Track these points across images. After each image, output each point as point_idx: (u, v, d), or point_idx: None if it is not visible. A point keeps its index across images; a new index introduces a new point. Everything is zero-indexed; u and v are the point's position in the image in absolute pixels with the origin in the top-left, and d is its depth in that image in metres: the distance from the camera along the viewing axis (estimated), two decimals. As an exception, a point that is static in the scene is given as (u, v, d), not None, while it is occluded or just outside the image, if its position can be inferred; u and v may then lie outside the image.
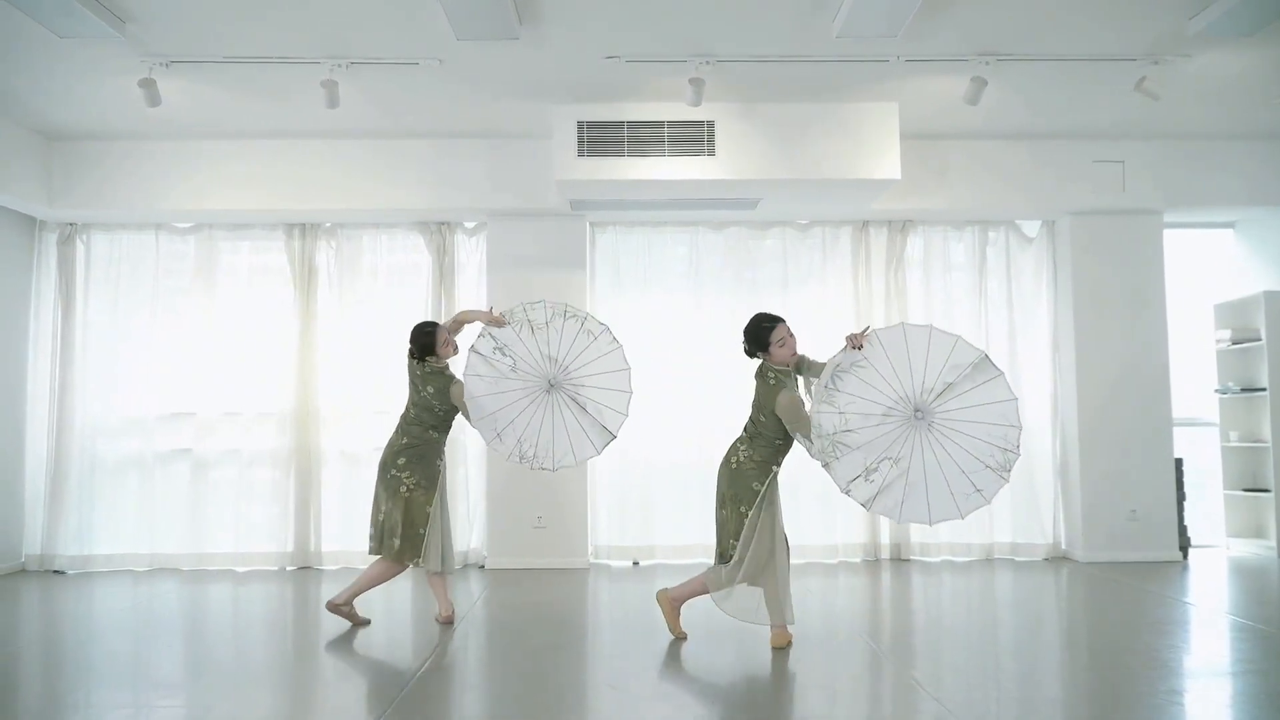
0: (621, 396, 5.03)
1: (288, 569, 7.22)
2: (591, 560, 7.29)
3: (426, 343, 5.13)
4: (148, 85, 5.63)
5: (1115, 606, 5.83)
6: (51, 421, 7.31)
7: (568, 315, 5.07)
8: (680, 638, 4.81)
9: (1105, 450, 7.28)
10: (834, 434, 4.21)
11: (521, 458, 5.02)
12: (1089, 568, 7.04)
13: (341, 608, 5.22)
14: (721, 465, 4.78)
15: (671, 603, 4.85)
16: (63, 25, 4.99)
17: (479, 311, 5.16)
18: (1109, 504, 7.24)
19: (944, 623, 5.50)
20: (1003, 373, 4.21)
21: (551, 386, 5.03)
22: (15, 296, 7.25)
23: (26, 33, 5.17)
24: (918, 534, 7.34)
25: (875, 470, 4.16)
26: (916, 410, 4.15)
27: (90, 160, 7.01)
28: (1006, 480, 4.16)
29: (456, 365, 5.24)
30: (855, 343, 4.38)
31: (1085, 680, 4.29)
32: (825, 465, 4.27)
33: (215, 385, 7.37)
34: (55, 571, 7.17)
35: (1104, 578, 6.64)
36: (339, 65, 5.64)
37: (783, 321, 4.69)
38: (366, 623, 5.26)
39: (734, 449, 4.76)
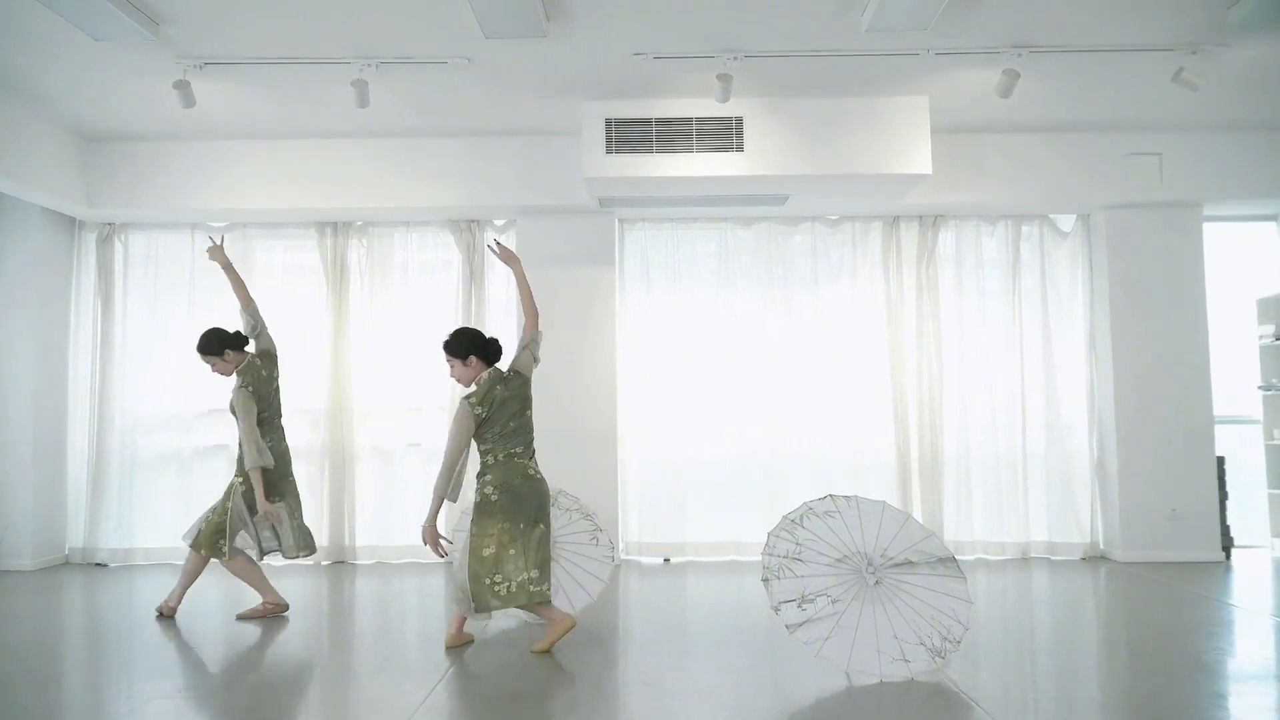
0: (581, 595, 5.20)
1: (323, 564, 7.29)
2: (622, 557, 7.29)
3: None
4: (182, 87, 5.71)
5: (1156, 607, 5.73)
6: (92, 418, 7.45)
7: (585, 515, 5.32)
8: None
9: (1144, 448, 7.16)
10: (783, 557, 4.21)
11: None
12: (1128, 567, 6.93)
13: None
14: (543, 480, 4.79)
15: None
16: (98, 28, 5.07)
17: None
18: (1148, 503, 7.13)
19: (979, 622, 5.42)
20: (966, 578, 4.14)
21: None
22: (56, 295, 7.39)
23: (63, 36, 5.26)
24: (950, 532, 7.27)
25: (811, 601, 4.14)
26: (870, 565, 4.12)
27: (127, 161, 7.11)
28: (939, 664, 4.08)
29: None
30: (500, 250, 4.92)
31: (1125, 682, 4.23)
32: (765, 581, 4.25)
33: (250, 383, 7.44)
34: (97, 564, 7.31)
35: (1144, 578, 6.53)
36: (369, 65, 5.67)
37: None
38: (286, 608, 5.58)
39: (535, 462, 4.79)
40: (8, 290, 7.13)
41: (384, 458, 7.46)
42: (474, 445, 4.73)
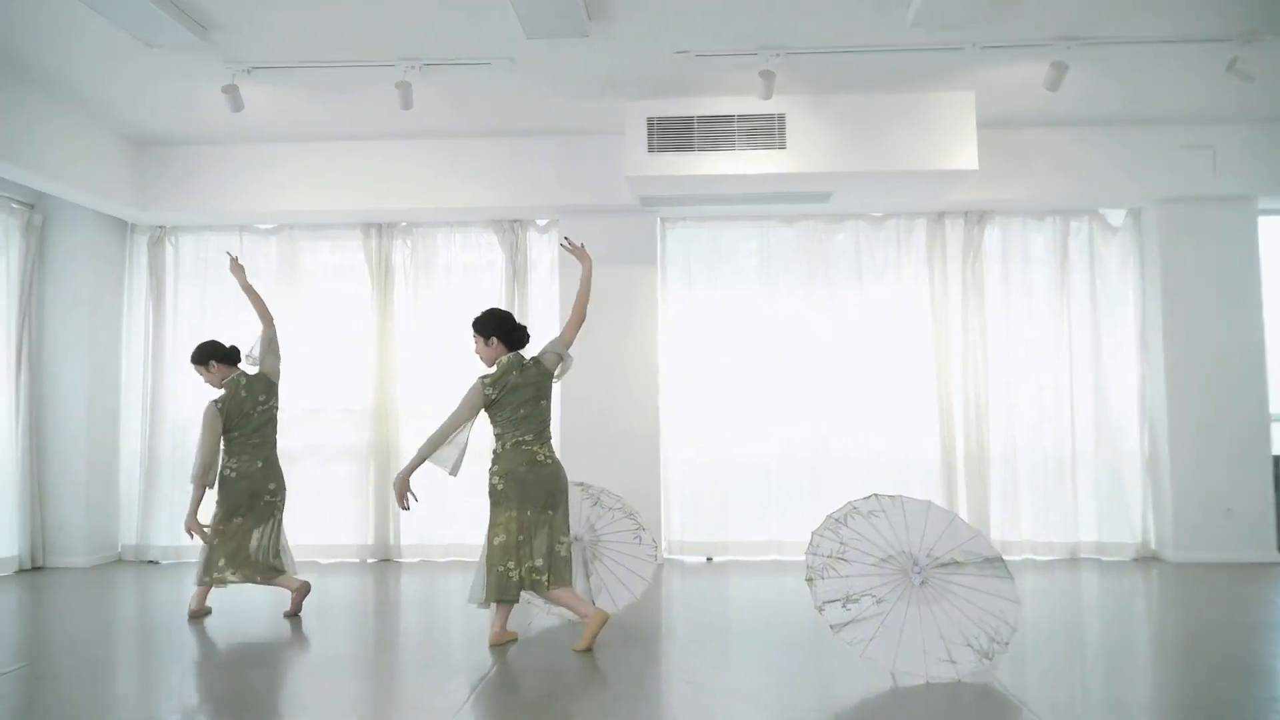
0: (624, 593, 5.21)
1: (368, 561, 7.37)
2: (665, 556, 7.29)
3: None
4: (231, 91, 5.80)
5: (1209, 609, 5.63)
6: (145, 418, 7.59)
7: (629, 514, 5.33)
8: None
9: (1197, 446, 7.02)
10: (828, 556, 4.18)
11: None
12: (1181, 568, 6.80)
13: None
14: (555, 465, 4.79)
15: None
16: (150, 35, 5.17)
17: None
18: (1201, 502, 6.99)
19: (1027, 623, 5.33)
20: (1014, 578, 4.09)
21: (574, 541, 5.22)
22: (109, 297, 7.54)
23: (117, 44, 5.37)
24: (997, 531, 7.18)
25: (855, 601, 4.11)
26: (915, 565, 4.08)
27: (177, 165, 7.24)
28: (986, 665, 4.03)
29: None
30: (573, 247, 5.02)
31: (1178, 685, 4.15)
32: (809, 580, 4.22)
33: (299, 382, 7.51)
34: (149, 561, 7.45)
35: (1197, 579, 6.41)
36: (413, 67, 5.73)
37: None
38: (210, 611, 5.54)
39: (548, 448, 4.79)
40: (62, 292, 7.28)
41: (429, 456, 7.50)
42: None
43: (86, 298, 7.30)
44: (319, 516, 7.50)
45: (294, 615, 5.45)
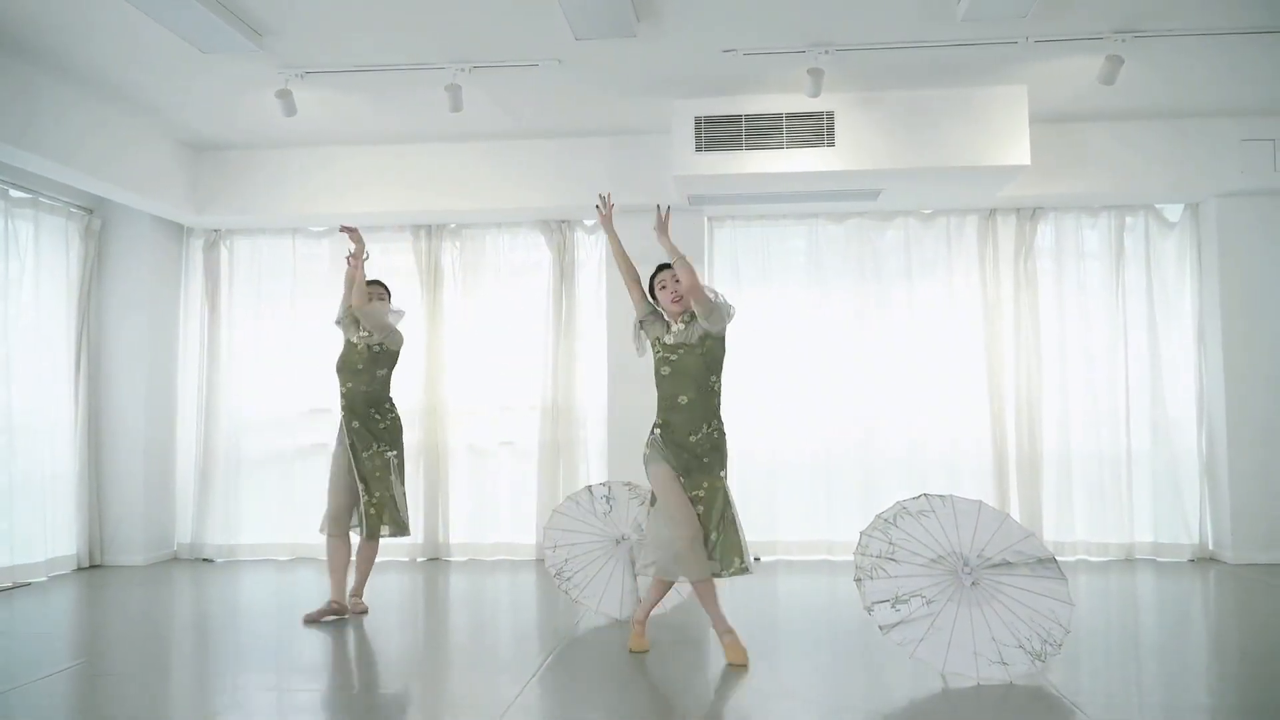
0: (672, 594, 5.19)
1: (418, 560, 7.45)
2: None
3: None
4: (284, 95, 5.89)
5: (1269, 611, 5.50)
6: (200, 418, 7.73)
7: None
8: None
9: (1257, 446, 6.87)
10: (877, 557, 4.15)
11: (558, 573, 5.31)
12: (1239, 569, 6.66)
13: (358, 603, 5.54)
14: (707, 439, 4.85)
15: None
16: (206, 41, 5.27)
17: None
18: (1261, 503, 6.84)
19: (1081, 625, 5.24)
20: (1067, 579, 4.02)
21: (620, 541, 5.28)
22: (166, 300, 7.69)
23: (173, 50, 5.48)
24: (1050, 532, 7.08)
25: (905, 602, 4.08)
26: (966, 565, 4.03)
27: (231, 169, 7.37)
28: (1039, 667, 3.97)
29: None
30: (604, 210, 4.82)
31: (1235, 688, 4.07)
32: (857, 581, 4.18)
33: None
34: (204, 560, 7.58)
35: (1256, 580, 6.27)
36: (462, 69, 5.77)
37: (664, 268, 4.86)
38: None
39: (717, 421, 4.90)
40: (120, 295, 7.43)
41: (478, 456, 7.57)
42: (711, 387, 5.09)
43: (144, 300, 7.45)
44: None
45: (359, 608, 5.56)
